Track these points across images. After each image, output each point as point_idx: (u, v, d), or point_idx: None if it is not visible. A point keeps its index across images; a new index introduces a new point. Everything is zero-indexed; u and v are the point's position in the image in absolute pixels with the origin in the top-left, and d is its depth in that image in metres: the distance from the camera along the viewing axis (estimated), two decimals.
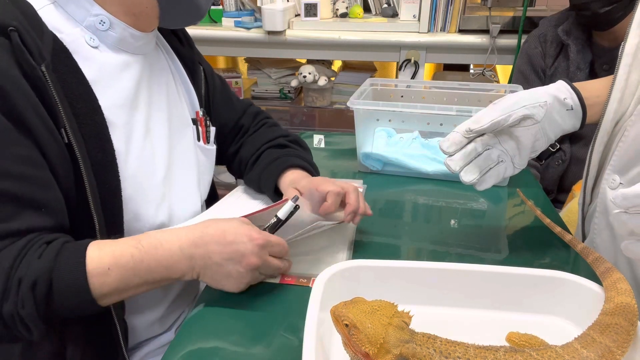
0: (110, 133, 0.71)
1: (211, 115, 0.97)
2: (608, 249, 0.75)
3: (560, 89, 0.75)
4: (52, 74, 0.63)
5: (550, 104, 0.74)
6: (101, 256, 0.62)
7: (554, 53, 1.52)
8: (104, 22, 0.71)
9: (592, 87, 0.77)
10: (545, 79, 1.55)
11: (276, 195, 0.90)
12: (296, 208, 0.73)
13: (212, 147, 0.94)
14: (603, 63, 1.46)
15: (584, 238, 0.83)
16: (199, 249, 0.65)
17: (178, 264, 0.65)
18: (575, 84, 0.78)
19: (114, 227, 0.72)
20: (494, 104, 0.75)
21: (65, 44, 0.68)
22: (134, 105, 0.75)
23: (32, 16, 0.65)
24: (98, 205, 0.68)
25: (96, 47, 0.72)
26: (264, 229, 0.72)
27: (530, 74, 1.57)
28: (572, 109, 0.75)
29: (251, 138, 1.02)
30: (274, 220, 0.73)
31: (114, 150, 0.71)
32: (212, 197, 1.03)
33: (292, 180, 0.87)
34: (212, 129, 0.95)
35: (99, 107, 0.69)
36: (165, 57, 0.87)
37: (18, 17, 0.62)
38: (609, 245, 0.75)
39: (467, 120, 0.74)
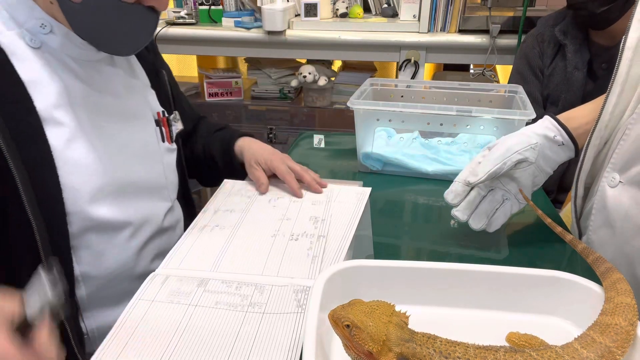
0: (48, 132, 0.71)
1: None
2: (605, 247, 0.75)
3: (548, 127, 0.78)
4: None
5: (541, 144, 0.77)
6: None
7: (551, 53, 1.52)
8: (45, 26, 0.72)
9: (580, 115, 0.80)
10: (543, 79, 1.55)
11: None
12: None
13: (174, 146, 0.95)
14: (602, 62, 1.45)
15: (580, 236, 0.83)
16: None
17: None
18: (563, 115, 0.80)
19: (56, 224, 0.72)
20: (488, 150, 0.78)
21: (2, 46, 0.69)
22: (78, 104, 0.75)
23: None
24: (34, 206, 0.68)
25: (38, 48, 0.72)
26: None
27: (528, 74, 1.56)
28: (563, 144, 0.78)
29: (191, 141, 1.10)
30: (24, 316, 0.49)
31: (50, 149, 0.71)
32: (186, 199, 1.04)
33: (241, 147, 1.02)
34: (174, 127, 0.95)
35: (34, 107, 0.70)
36: (126, 61, 0.87)
37: None
38: (606, 243, 0.75)
39: (464, 171, 0.79)
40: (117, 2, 0.69)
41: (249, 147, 1.01)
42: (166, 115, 0.93)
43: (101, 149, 0.77)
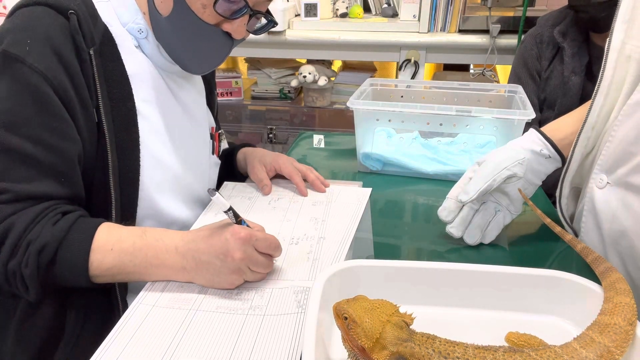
0: (139, 120, 0.77)
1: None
2: (597, 248, 0.75)
3: (534, 141, 0.80)
4: (98, 58, 0.72)
5: (529, 158, 0.79)
6: (108, 237, 0.68)
7: (549, 55, 1.51)
8: (142, 32, 0.78)
9: (565, 126, 0.81)
10: (540, 82, 1.53)
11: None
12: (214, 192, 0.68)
13: (219, 161, 1.01)
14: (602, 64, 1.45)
15: (575, 236, 0.83)
16: (191, 250, 0.68)
17: (171, 260, 0.68)
18: (549, 127, 0.82)
19: (128, 208, 0.77)
20: (478, 165, 0.80)
21: (114, 36, 0.76)
22: (161, 105, 0.82)
23: (90, 5, 0.74)
24: (117, 183, 0.74)
25: (137, 47, 0.79)
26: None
27: (525, 77, 1.55)
28: (549, 157, 0.80)
29: None
30: (229, 215, 0.68)
31: (139, 136, 0.77)
32: None
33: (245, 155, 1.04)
34: (223, 144, 1.03)
35: (132, 95, 0.76)
36: (196, 77, 0.94)
37: (79, 4, 0.71)
38: (598, 244, 0.75)
39: (456, 187, 0.81)
40: (198, 21, 0.73)
41: (253, 151, 1.05)
42: (219, 131, 1.01)
43: (170, 148, 0.83)
